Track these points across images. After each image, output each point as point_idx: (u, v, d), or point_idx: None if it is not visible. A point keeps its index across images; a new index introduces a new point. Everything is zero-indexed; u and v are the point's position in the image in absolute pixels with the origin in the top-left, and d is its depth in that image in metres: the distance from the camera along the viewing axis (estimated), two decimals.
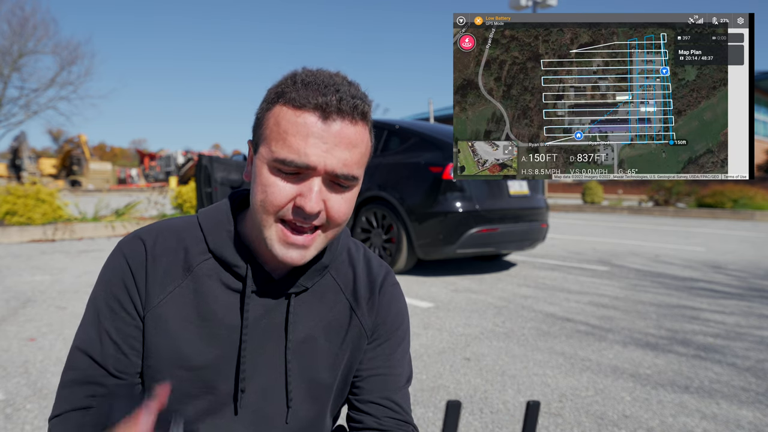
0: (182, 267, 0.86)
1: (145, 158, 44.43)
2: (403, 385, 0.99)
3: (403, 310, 1.02)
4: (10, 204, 7.75)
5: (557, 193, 31.22)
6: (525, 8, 18.01)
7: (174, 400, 0.85)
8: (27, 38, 26.04)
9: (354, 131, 0.78)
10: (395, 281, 1.03)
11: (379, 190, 5.34)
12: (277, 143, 0.77)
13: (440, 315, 3.92)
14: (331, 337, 0.93)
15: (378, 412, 0.95)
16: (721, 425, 2.22)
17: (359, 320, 0.95)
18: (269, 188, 0.78)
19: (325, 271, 0.92)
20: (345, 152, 0.77)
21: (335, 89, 0.77)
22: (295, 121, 0.76)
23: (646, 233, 10.18)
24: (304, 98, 0.76)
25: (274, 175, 0.78)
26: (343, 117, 0.77)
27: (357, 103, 0.78)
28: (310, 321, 0.91)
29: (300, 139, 0.76)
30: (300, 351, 0.90)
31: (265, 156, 0.79)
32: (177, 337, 0.85)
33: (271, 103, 0.80)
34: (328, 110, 0.76)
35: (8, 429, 2.09)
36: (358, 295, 0.96)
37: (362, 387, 0.96)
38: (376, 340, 0.98)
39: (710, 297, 4.62)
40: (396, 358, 0.99)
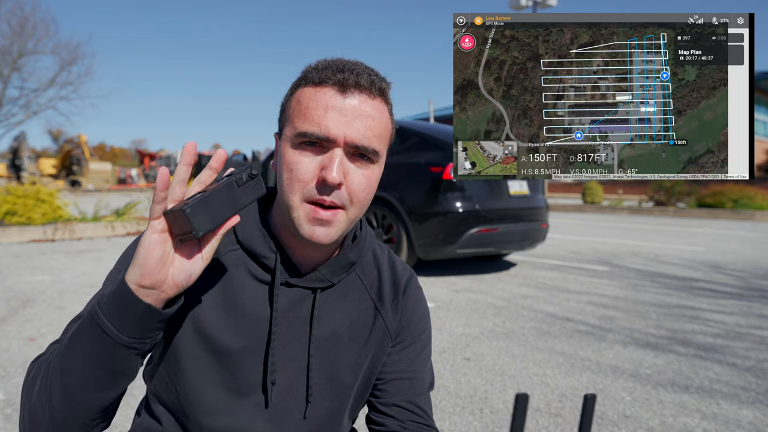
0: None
1: (145, 158, 44.46)
2: (426, 389, 0.99)
3: (426, 314, 1.03)
4: (10, 204, 7.75)
5: (557, 193, 31.21)
6: (525, 8, 18.01)
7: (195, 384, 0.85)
8: (27, 38, 26.08)
9: (372, 105, 0.81)
10: (419, 285, 1.04)
11: (379, 190, 5.34)
12: (299, 119, 0.80)
13: (440, 315, 3.92)
14: (355, 335, 0.93)
15: (401, 416, 0.95)
16: (721, 425, 2.22)
17: (384, 321, 0.95)
18: (294, 165, 0.80)
19: (352, 268, 0.92)
20: (364, 124, 0.79)
21: (353, 68, 0.80)
22: (315, 96, 0.79)
23: (646, 233, 10.18)
24: (323, 76, 0.79)
25: (297, 150, 0.80)
26: (361, 91, 0.80)
27: (374, 79, 0.81)
28: (335, 318, 0.91)
29: (320, 112, 0.78)
30: (323, 347, 0.90)
31: (289, 135, 0.81)
32: (203, 320, 0.85)
33: (293, 89, 0.84)
34: (346, 84, 0.79)
35: (8, 429, 2.09)
36: (382, 296, 0.96)
37: (385, 390, 0.96)
38: (400, 343, 0.97)
39: (710, 297, 4.62)
40: (420, 362, 0.99)
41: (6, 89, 26.59)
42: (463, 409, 2.34)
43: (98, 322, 0.71)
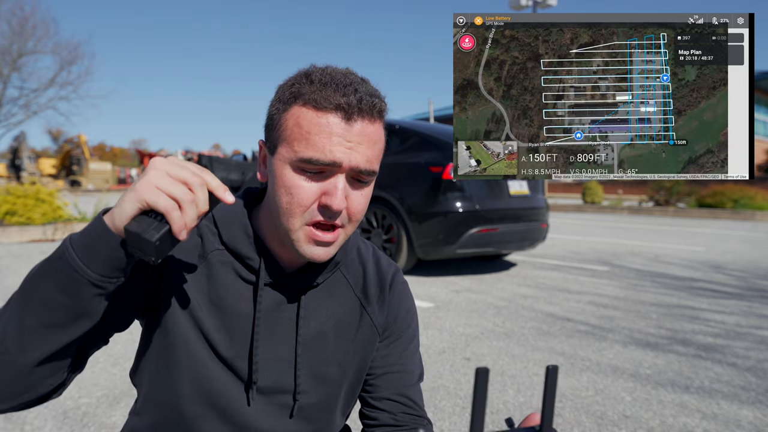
0: (198, 254, 0.87)
1: (145, 158, 44.35)
2: (415, 381, 1.01)
3: (412, 308, 1.04)
4: (10, 204, 7.75)
5: (557, 193, 31.21)
6: (525, 8, 18.01)
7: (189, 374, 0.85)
8: (27, 38, 26.08)
9: (374, 129, 0.81)
10: (404, 280, 1.04)
11: (379, 190, 5.34)
12: (300, 143, 0.78)
13: (440, 315, 3.92)
14: (342, 333, 0.94)
15: (393, 408, 0.97)
16: (721, 425, 2.22)
17: (370, 318, 0.97)
18: (294, 189, 0.79)
19: (336, 267, 0.93)
20: (368, 149, 0.80)
21: (354, 89, 0.78)
22: (318, 122, 0.78)
23: (646, 233, 10.18)
24: (325, 99, 0.78)
25: (298, 174, 0.79)
26: (364, 117, 0.79)
27: (375, 102, 0.80)
28: (321, 317, 0.92)
29: (324, 138, 0.77)
30: (310, 346, 0.91)
31: (288, 156, 0.80)
32: (194, 315, 0.85)
33: (287, 103, 0.81)
34: (350, 111, 0.78)
35: (8, 429, 2.09)
36: (368, 293, 0.97)
37: (376, 384, 0.98)
38: (388, 338, 0.99)
39: (710, 297, 4.62)
40: (408, 355, 1.00)
41: (6, 89, 26.60)
42: (463, 409, 2.34)
43: (68, 258, 0.68)
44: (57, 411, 2.25)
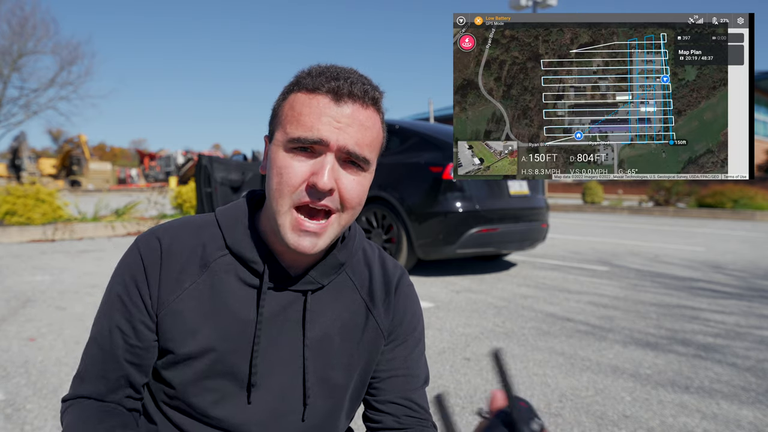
0: (199, 264, 0.87)
1: (145, 158, 44.41)
2: (421, 385, 0.99)
3: (418, 311, 1.03)
4: (10, 204, 7.75)
5: (557, 193, 31.21)
6: (525, 8, 18.01)
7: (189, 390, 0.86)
8: (27, 38, 26.08)
9: (366, 115, 0.81)
10: (410, 282, 1.03)
11: (379, 190, 5.34)
12: (291, 124, 0.80)
13: (440, 315, 3.92)
14: (347, 336, 0.93)
15: (398, 412, 0.95)
16: (721, 425, 2.22)
17: (376, 321, 0.95)
18: (284, 170, 0.79)
19: (341, 269, 0.92)
20: (357, 132, 0.80)
21: (347, 76, 0.80)
22: (309, 102, 0.79)
23: (646, 233, 10.18)
24: (317, 83, 0.79)
25: (289, 155, 0.80)
26: (355, 100, 0.79)
27: (368, 89, 0.81)
28: (327, 319, 0.91)
29: (314, 117, 0.78)
30: (316, 348, 0.90)
31: (281, 139, 0.81)
32: (195, 331, 0.85)
33: (286, 93, 0.83)
34: (340, 93, 0.78)
35: (8, 429, 2.09)
36: (374, 296, 0.96)
37: (381, 388, 0.97)
38: (393, 341, 0.98)
39: (710, 297, 4.62)
40: (414, 359, 0.99)
41: (6, 89, 26.60)
42: (463, 409, 2.34)
43: None
44: (57, 411, 2.25)
